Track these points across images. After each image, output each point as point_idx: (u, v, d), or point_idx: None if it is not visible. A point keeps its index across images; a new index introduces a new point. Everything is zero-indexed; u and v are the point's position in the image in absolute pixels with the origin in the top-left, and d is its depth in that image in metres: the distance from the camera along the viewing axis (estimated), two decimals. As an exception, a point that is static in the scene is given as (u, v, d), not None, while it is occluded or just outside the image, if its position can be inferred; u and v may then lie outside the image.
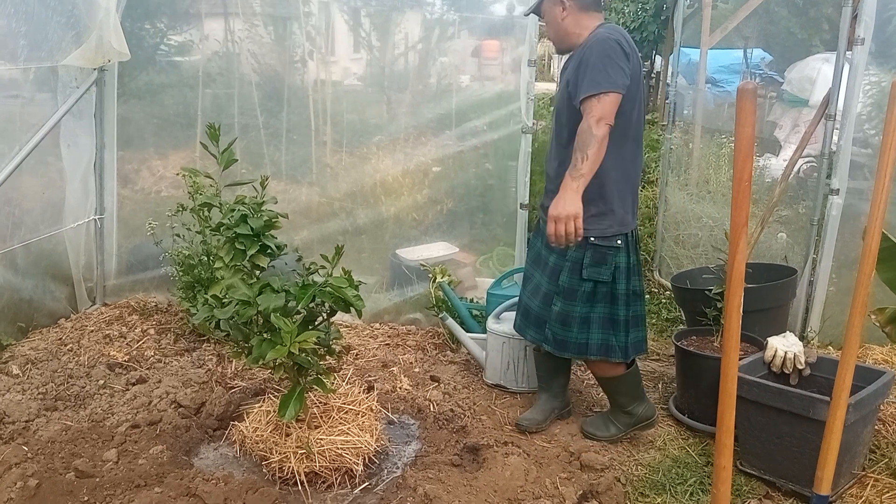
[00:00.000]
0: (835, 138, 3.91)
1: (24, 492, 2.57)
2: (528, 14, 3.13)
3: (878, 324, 2.90)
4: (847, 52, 3.79)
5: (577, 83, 2.74)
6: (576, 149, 2.66)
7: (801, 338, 3.94)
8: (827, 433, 2.25)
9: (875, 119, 4.06)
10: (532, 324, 3.15)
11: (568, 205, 2.61)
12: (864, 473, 2.84)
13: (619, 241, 2.88)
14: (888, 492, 2.74)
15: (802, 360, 2.98)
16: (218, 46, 4.69)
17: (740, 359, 2.95)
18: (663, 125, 5.61)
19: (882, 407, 3.13)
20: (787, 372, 3.00)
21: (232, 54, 4.67)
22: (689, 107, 6.05)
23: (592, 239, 2.85)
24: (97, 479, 2.66)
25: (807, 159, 6.27)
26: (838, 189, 3.80)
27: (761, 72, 7.65)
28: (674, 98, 5.49)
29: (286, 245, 2.87)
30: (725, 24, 5.49)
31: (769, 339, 3.07)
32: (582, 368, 3.82)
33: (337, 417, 2.92)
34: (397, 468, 2.90)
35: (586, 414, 3.42)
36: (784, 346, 3.01)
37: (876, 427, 3.03)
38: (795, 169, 6.28)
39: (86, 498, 2.56)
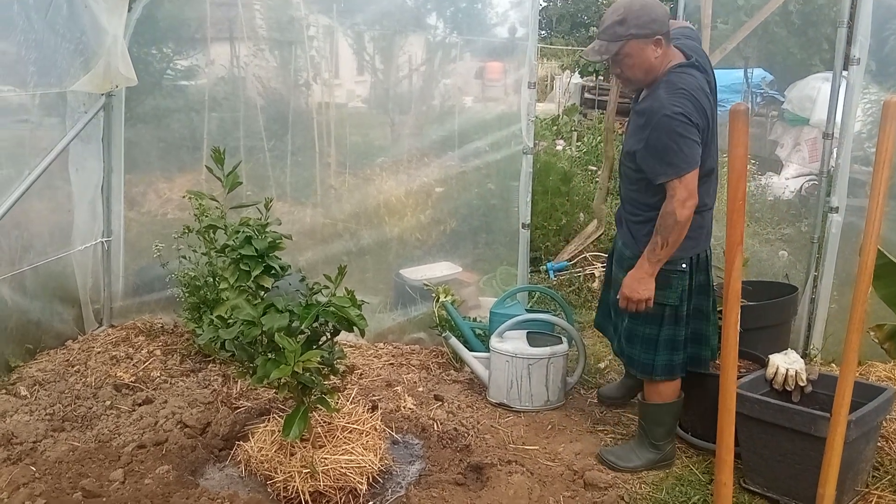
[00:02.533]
0: (834, 157, 3.95)
1: (31, 512, 2.60)
2: (597, 60, 2.89)
3: (876, 340, 2.91)
4: (844, 72, 3.83)
5: (648, 156, 2.75)
6: (657, 230, 2.75)
7: (804, 355, 3.94)
8: (828, 450, 2.26)
9: (875, 137, 4.08)
10: (609, 321, 3.30)
11: (641, 288, 2.82)
12: (867, 490, 2.84)
13: (684, 265, 2.86)
14: (892, 509, 2.74)
15: (804, 378, 2.99)
16: (223, 71, 4.76)
17: (742, 376, 2.98)
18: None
19: (885, 424, 3.13)
20: (788, 389, 3.01)
21: (237, 78, 4.74)
22: (691, 126, 6.09)
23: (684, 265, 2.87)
24: (104, 499, 2.69)
25: (808, 177, 6.32)
26: (838, 207, 3.82)
27: (762, 91, 7.71)
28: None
29: (290, 266, 2.91)
30: (725, 45, 5.55)
31: (771, 357, 3.09)
32: (579, 391, 3.84)
33: (341, 437, 2.94)
34: (401, 487, 2.91)
35: (592, 431, 3.42)
36: (786, 363, 3.02)
37: (879, 444, 3.03)
38: (797, 187, 6.34)
39: (92, 518, 2.58)
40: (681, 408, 3.11)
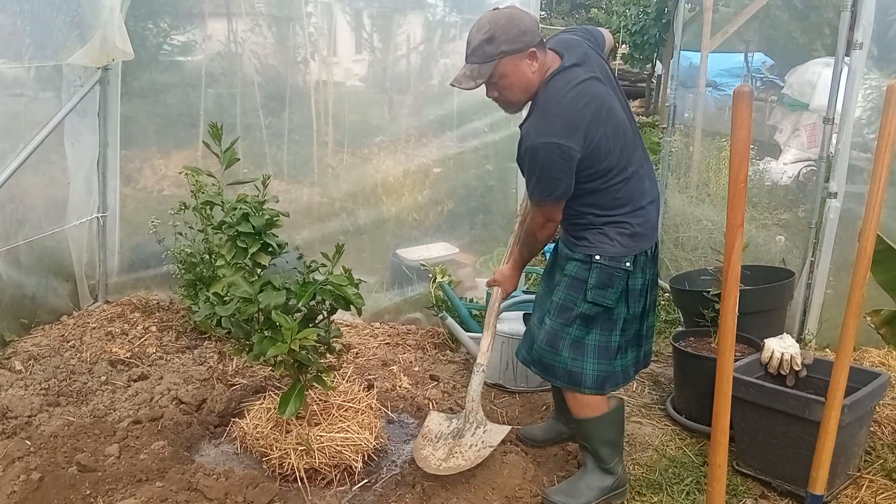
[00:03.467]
0: (833, 142, 3.94)
1: (27, 485, 2.60)
2: (477, 87, 2.50)
3: (873, 325, 2.92)
4: (846, 57, 3.81)
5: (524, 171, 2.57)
6: (521, 244, 2.81)
7: (799, 340, 3.96)
8: (822, 434, 2.28)
9: (875, 123, 4.08)
10: (525, 341, 2.88)
11: (514, 283, 2.93)
12: (859, 474, 2.86)
13: (627, 264, 2.55)
14: (883, 493, 2.76)
15: (799, 362, 3.00)
16: (221, 47, 4.72)
17: (737, 360, 2.99)
18: (663, 128, 5.63)
19: (877, 409, 3.16)
20: (783, 373, 3.03)
21: (234, 54, 4.69)
22: (690, 110, 6.08)
23: (598, 258, 2.56)
24: (99, 474, 2.69)
25: (806, 163, 6.30)
26: (836, 192, 3.82)
27: (762, 76, 7.68)
28: (674, 101, 5.51)
29: (287, 243, 2.90)
30: (726, 28, 5.52)
31: (766, 341, 3.10)
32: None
33: (337, 415, 2.94)
34: (396, 466, 2.93)
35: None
36: (781, 347, 3.04)
37: (871, 429, 3.06)
38: (795, 173, 6.33)
39: (88, 491, 2.59)
40: (621, 418, 2.80)
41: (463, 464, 2.69)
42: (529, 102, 2.56)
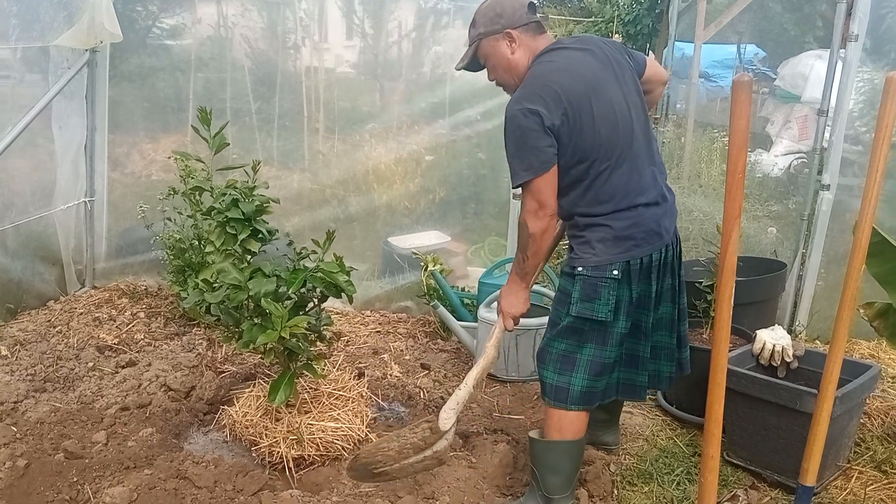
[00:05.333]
0: (826, 135, 3.94)
1: (13, 472, 2.57)
2: (461, 69, 2.57)
3: (866, 318, 2.92)
4: (841, 49, 3.81)
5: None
6: (518, 247, 2.49)
7: (789, 331, 3.97)
8: (813, 425, 2.28)
9: (867, 116, 4.09)
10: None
11: (517, 303, 2.56)
12: (848, 466, 2.87)
13: (615, 272, 2.34)
14: (872, 484, 2.78)
15: (790, 353, 3.00)
16: (210, 31, 4.66)
17: (729, 351, 2.98)
18: (656, 118, 5.62)
19: (868, 401, 3.17)
20: (774, 365, 3.03)
21: (224, 39, 4.64)
22: (682, 101, 6.08)
23: (580, 269, 2.38)
24: (86, 461, 2.66)
25: (798, 155, 6.32)
26: (829, 185, 3.83)
27: (754, 67, 7.69)
28: (667, 91, 5.50)
29: (277, 230, 2.87)
30: (720, 19, 5.51)
31: (758, 332, 3.10)
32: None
33: (327, 403, 2.92)
34: (387, 454, 2.90)
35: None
36: (772, 338, 3.04)
37: (861, 420, 3.07)
38: (786, 164, 6.35)
39: (75, 478, 2.56)
40: (582, 451, 2.60)
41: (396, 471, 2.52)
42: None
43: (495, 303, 3.64)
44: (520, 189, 2.44)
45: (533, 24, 2.47)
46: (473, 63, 2.53)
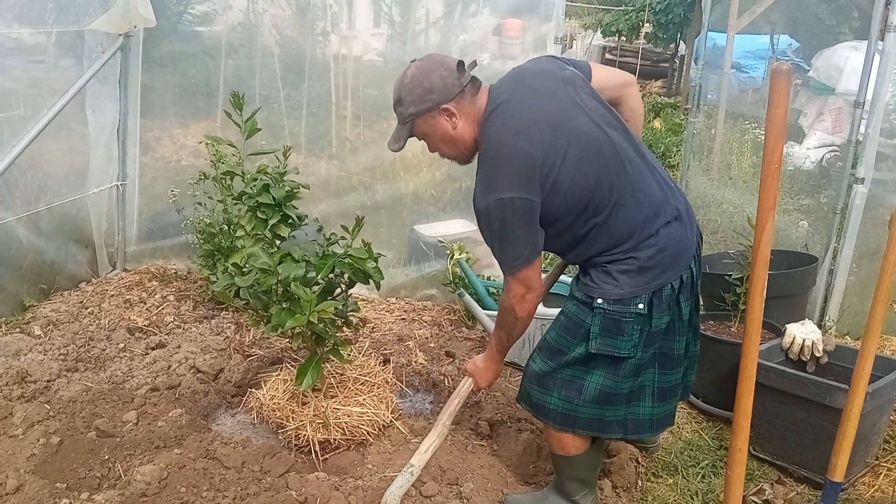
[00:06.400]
0: (861, 128, 3.87)
1: (46, 448, 2.63)
2: (398, 150, 2.33)
3: (899, 314, 2.88)
4: (878, 41, 3.73)
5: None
6: (498, 323, 2.36)
7: (819, 326, 3.92)
8: (843, 420, 2.25)
9: (904, 109, 4.01)
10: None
11: (488, 376, 2.52)
12: (877, 462, 2.84)
13: (640, 305, 2.13)
14: (901, 481, 2.75)
15: (821, 348, 2.97)
16: (240, 17, 4.68)
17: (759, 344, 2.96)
18: (686, 109, 5.56)
19: (898, 398, 3.12)
20: (804, 359, 3.00)
21: (254, 25, 4.66)
22: (714, 91, 5.99)
23: (600, 301, 2.16)
24: (118, 439, 2.71)
25: (830, 148, 6.21)
26: (863, 178, 3.76)
27: (787, 58, 7.55)
28: (699, 81, 5.43)
29: (307, 216, 2.89)
30: (753, 8, 5.43)
31: (788, 326, 3.07)
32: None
33: (353, 388, 2.95)
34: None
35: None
36: (803, 333, 3.01)
37: (892, 417, 3.03)
38: (818, 157, 6.25)
39: (106, 456, 2.61)
40: (600, 455, 2.49)
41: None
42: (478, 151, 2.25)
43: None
44: None
45: (468, 86, 2.21)
46: (406, 142, 2.32)
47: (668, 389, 2.32)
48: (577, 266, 2.31)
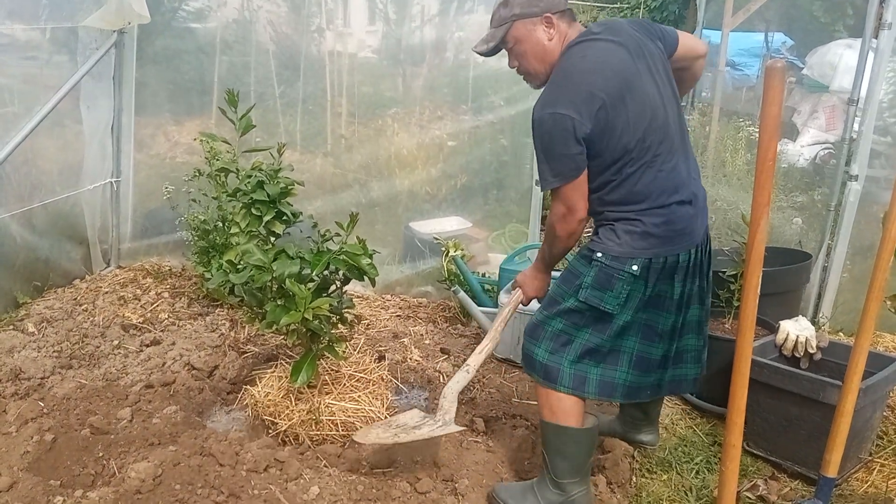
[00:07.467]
0: (855, 125, 3.88)
1: (40, 445, 2.62)
2: (484, 52, 2.41)
3: (893, 310, 2.88)
4: (872, 38, 3.74)
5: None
6: (545, 242, 2.45)
7: (813, 323, 3.93)
8: (837, 416, 2.26)
9: (896, 108, 4.02)
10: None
11: (537, 288, 2.59)
12: (870, 458, 2.85)
13: (634, 267, 2.25)
14: (894, 477, 2.75)
15: (814, 345, 2.98)
16: (235, 14, 4.67)
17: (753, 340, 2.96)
18: (682, 107, 5.56)
19: (891, 393, 3.14)
20: (798, 356, 3.01)
21: (248, 22, 4.65)
22: (708, 89, 6.00)
23: (599, 255, 2.29)
24: (112, 436, 2.71)
25: (824, 145, 6.23)
26: (857, 175, 3.78)
27: (782, 56, 7.56)
28: (693, 80, 5.43)
29: (301, 213, 2.89)
30: (748, 6, 5.43)
31: (782, 323, 3.07)
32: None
33: (348, 385, 2.95)
34: (406, 437, 2.93)
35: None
36: (796, 329, 3.01)
37: (884, 413, 3.04)
38: (812, 155, 6.26)
39: (101, 453, 2.61)
40: (593, 442, 2.47)
41: (386, 437, 2.49)
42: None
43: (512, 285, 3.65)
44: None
45: (568, 11, 2.35)
46: (497, 46, 2.38)
47: (647, 361, 2.40)
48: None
